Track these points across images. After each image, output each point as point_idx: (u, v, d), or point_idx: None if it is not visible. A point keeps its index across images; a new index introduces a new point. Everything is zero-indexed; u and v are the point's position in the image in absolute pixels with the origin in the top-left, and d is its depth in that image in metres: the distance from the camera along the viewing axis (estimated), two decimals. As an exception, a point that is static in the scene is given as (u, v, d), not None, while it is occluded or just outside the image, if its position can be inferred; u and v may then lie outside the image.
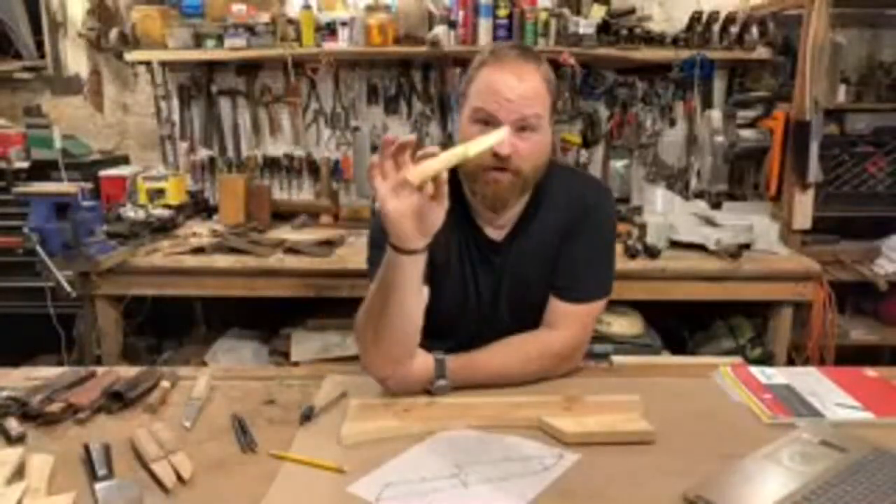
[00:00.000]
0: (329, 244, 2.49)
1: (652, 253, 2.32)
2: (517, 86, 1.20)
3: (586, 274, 1.32)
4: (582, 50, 2.73)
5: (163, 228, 2.59)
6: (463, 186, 1.32)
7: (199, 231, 2.65)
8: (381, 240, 1.11)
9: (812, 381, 1.27)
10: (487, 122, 1.21)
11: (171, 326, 2.87)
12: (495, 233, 1.35)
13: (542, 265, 1.33)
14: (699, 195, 2.82)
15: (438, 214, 1.03)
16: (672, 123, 3.01)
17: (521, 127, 1.21)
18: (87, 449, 1.00)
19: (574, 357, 1.32)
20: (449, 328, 1.35)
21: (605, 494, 0.94)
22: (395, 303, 1.09)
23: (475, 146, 1.03)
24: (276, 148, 3.11)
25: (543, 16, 2.74)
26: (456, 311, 1.36)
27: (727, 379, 1.29)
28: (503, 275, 1.36)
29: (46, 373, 1.31)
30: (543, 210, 1.34)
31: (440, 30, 2.71)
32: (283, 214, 2.90)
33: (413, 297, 1.11)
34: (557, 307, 1.31)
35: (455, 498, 0.92)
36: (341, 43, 2.79)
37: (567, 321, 1.30)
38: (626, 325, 2.36)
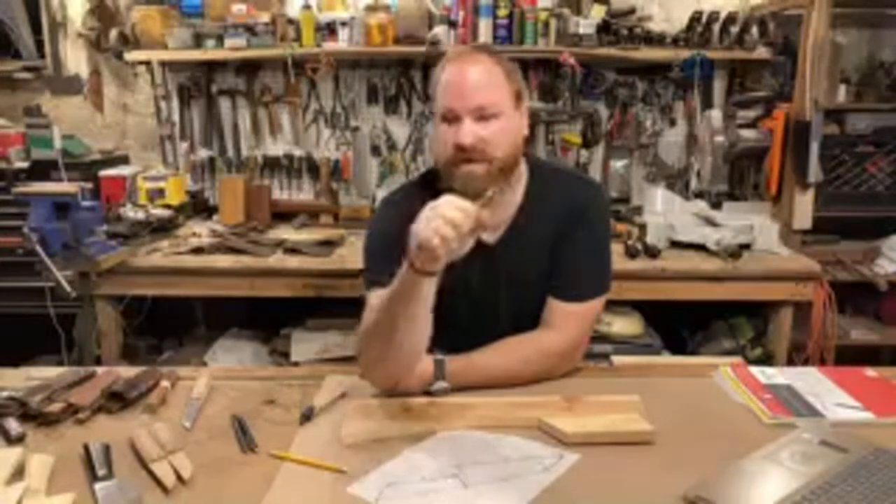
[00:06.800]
0: (329, 244, 2.49)
1: (652, 253, 2.31)
2: (470, 75, 1.24)
3: (583, 273, 1.32)
4: (582, 50, 2.73)
5: (163, 228, 2.59)
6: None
7: (199, 231, 2.65)
8: (383, 254, 1.11)
9: (812, 381, 1.27)
10: (451, 119, 1.24)
11: (171, 326, 2.87)
12: (487, 235, 1.35)
13: (539, 266, 1.33)
14: (699, 195, 2.82)
15: (469, 242, 1.08)
16: (672, 123, 3.01)
17: (481, 116, 1.23)
18: (87, 449, 1.00)
19: (574, 357, 1.32)
20: (446, 331, 1.34)
21: (605, 494, 0.94)
22: (409, 318, 1.10)
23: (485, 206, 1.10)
24: (276, 148, 3.11)
25: (543, 16, 2.74)
26: (453, 314, 1.35)
27: (727, 379, 1.29)
28: (500, 277, 1.35)
29: (46, 373, 1.31)
30: (537, 211, 1.34)
31: (440, 30, 2.71)
32: (283, 214, 2.90)
33: (426, 312, 1.12)
34: (556, 307, 1.31)
35: (455, 498, 0.92)
36: (341, 43, 2.79)
37: (566, 321, 1.30)
38: (626, 325, 2.36)
